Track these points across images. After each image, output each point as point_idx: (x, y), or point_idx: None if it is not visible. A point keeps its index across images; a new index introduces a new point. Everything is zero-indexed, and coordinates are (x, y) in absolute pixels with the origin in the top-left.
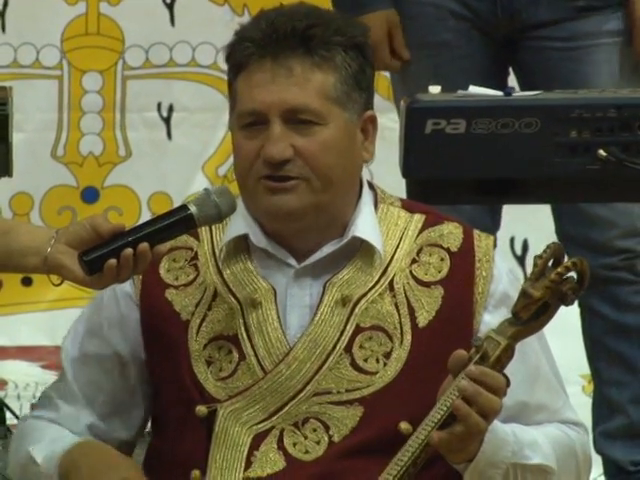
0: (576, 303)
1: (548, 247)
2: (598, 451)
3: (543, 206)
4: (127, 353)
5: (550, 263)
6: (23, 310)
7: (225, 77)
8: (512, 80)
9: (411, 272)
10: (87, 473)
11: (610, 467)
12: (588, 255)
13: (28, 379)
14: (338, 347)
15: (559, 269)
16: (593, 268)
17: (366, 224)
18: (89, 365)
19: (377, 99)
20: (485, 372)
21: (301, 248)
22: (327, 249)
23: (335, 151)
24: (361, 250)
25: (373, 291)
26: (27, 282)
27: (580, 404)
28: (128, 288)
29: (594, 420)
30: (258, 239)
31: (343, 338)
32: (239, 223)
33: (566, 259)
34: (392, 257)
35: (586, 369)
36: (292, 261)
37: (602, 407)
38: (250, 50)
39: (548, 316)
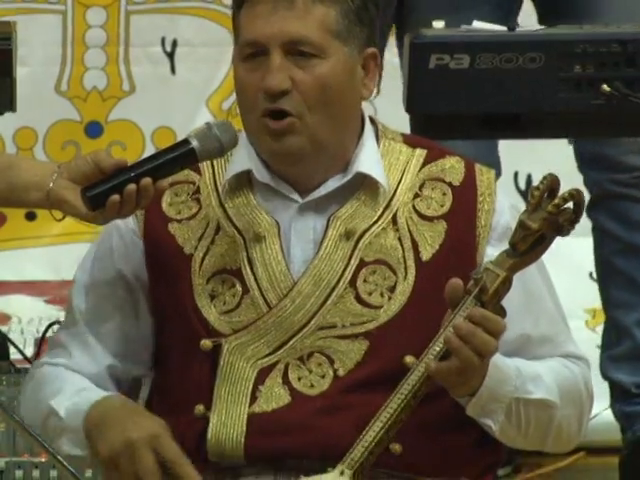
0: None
1: (544, 178)
2: (604, 375)
3: (547, 141)
4: (134, 284)
5: (546, 195)
6: (27, 245)
7: (229, 12)
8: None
9: (414, 206)
10: (113, 424)
11: (616, 390)
12: (599, 170)
13: (32, 314)
14: (342, 281)
15: (556, 201)
16: (603, 182)
17: (369, 159)
18: (98, 296)
19: None
20: (486, 316)
21: (305, 184)
22: (331, 184)
23: (333, 86)
24: (364, 185)
25: (377, 225)
26: (31, 217)
27: (583, 339)
28: (132, 223)
29: (603, 346)
30: (261, 175)
31: (347, 272)
32: (242, 158)
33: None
34: (395, 192)
35: (590, 303)
36: (296, 196)
37: (611, 331)
38: None
39: (544, 247)
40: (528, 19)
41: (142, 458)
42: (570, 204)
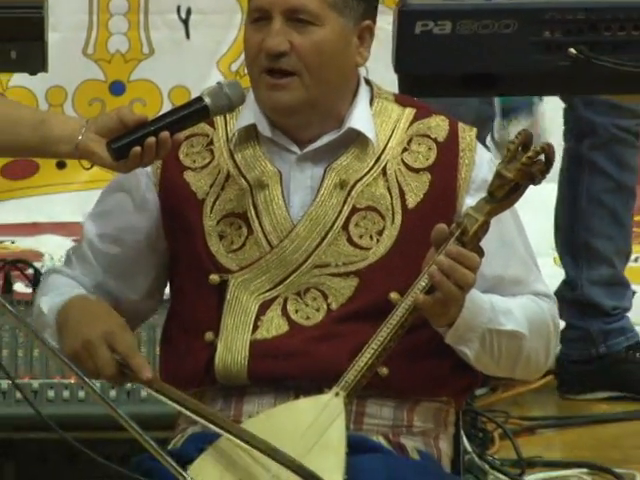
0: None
1: (519, 133)
2: (583, 296)
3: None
4: (144, 230)
5: (521, 148)
6: (58, 190)
7: None
8: None
9: (402, 159)
10: (73, 325)
11: (594, 310)
12: (607, 115)
13: (62, 251)
14: (336, 225)
15: (530, 153)
16: (609, 127)
17: (361, 117)
18: (105, 240)
19: None
20: (462, 253)
21: (303, 137)
22: (326, 138)
23: (328, 51)
24: (357, 140)
25: (368, 176)
26: (61, 166)
27: (550, 274)
28: (148, 170)
29: (578, 268)
30: (264, 128)
31: (341, 217)
32: (248, 114)
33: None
34: (385, 146)
35: None
36: (295, 148)
37: (589, 257)
38: None
39: (518, 194)
40: None
41: (98, 354)
42: (542, 156)
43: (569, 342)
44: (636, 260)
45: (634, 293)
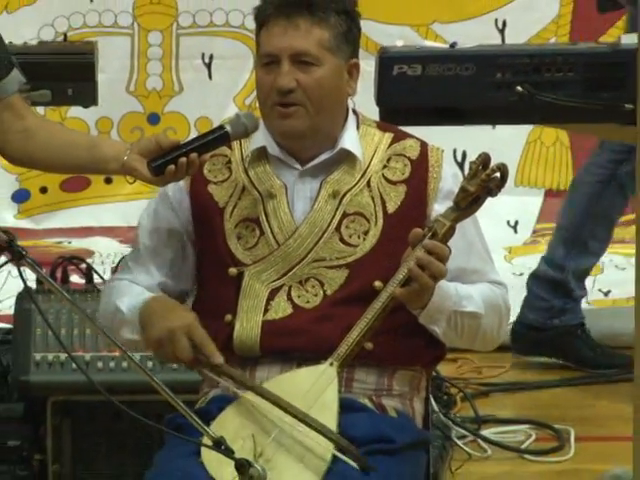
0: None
1: (479, 156)
2: (566, 281)
3: (477, 127)
4: (182, 230)
5: (481, 167)
6: (106, 201)
7: (250, 34)
8: None
9: (383, 174)
10: (157, 319)
11: (565, 291)
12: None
13: (109, 250)
14: (330, 227)
15: (488, 171)
16: None
17: (350, 139)
18: (155, 238)
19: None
20: (436, 245)
21: (304, 157)
22: (322, 157)
23: (326, 85)
24: (347, 158)
25: (355, 188)
26: (109, 181)
27: (502, 268)
28: (182, 184)
29: (568, 258)
30: (273, 149)
31: (334, 221)
32: (259, 137)
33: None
34: (369, 163)
35: (507, 243)
36: (297, 165)
37: (583, 253)
38: (270, 11)
39: (479, 205)
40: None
41: (179, 342)
42: (498, 174)
43: (532, 309)
44: None
45: None
